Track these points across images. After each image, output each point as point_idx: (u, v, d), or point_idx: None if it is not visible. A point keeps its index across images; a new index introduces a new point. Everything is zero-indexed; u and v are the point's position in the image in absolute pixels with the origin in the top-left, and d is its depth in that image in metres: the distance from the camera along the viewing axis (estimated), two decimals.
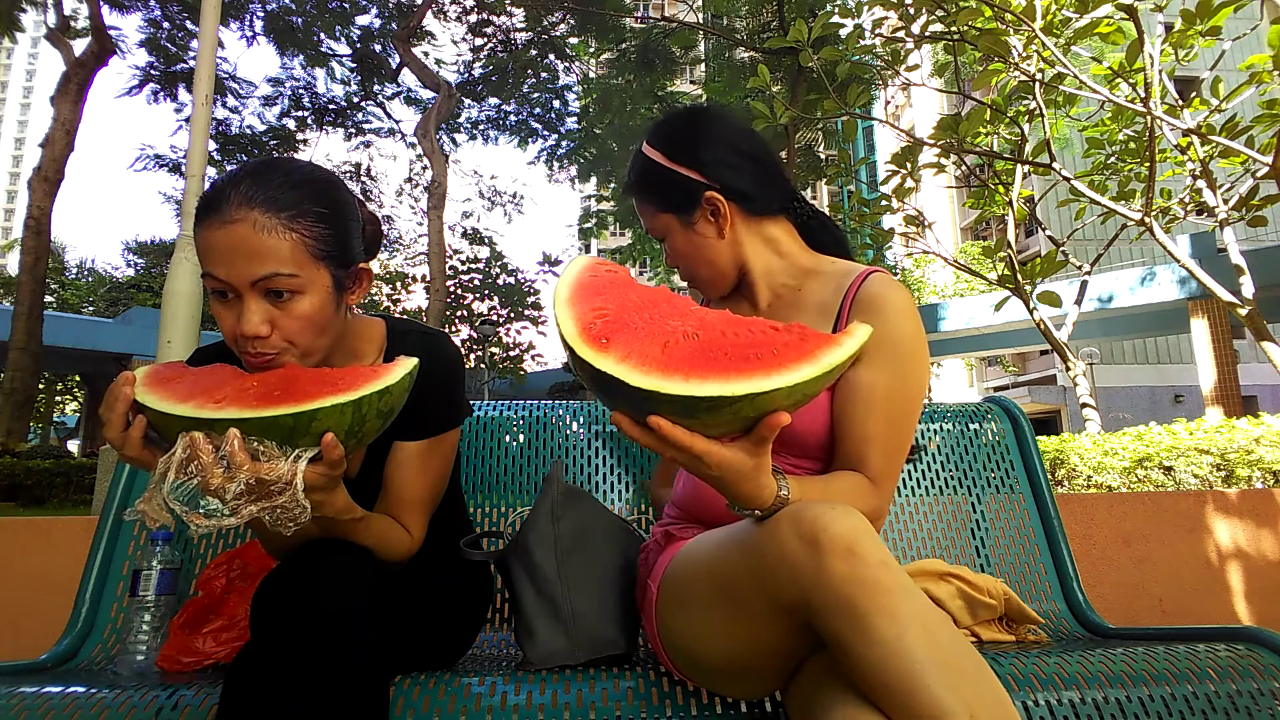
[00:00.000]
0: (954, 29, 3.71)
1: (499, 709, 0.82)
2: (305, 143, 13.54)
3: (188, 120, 8.70)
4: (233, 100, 12.45)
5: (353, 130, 14.11)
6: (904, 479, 1.46)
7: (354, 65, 13.05)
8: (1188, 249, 12.30)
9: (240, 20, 11.56)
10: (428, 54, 12.70)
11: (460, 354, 1.01)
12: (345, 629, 0.73)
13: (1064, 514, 1.65)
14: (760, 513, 0.71)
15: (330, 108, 13.52)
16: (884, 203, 4.92)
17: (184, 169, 5.62)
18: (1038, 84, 3.79)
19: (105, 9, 10.20)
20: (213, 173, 9.41)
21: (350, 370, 0.74)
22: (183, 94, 11.56)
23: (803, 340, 0.64)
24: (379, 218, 0.99)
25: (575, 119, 14.38)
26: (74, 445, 25.80)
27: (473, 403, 1.30)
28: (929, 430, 1.51)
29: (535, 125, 14.08)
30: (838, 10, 4.39)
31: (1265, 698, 0.88)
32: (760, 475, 0.68)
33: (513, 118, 14.01)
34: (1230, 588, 2.21)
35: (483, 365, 18.50)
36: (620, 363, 0.62)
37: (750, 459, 0.65)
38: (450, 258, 17.16)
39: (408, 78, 13.28)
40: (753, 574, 0.70)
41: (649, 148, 1.00)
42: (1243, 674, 0.90)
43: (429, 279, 11.50)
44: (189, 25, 11.02)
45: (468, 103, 13.66)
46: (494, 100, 13.74)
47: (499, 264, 19.08)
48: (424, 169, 15.22)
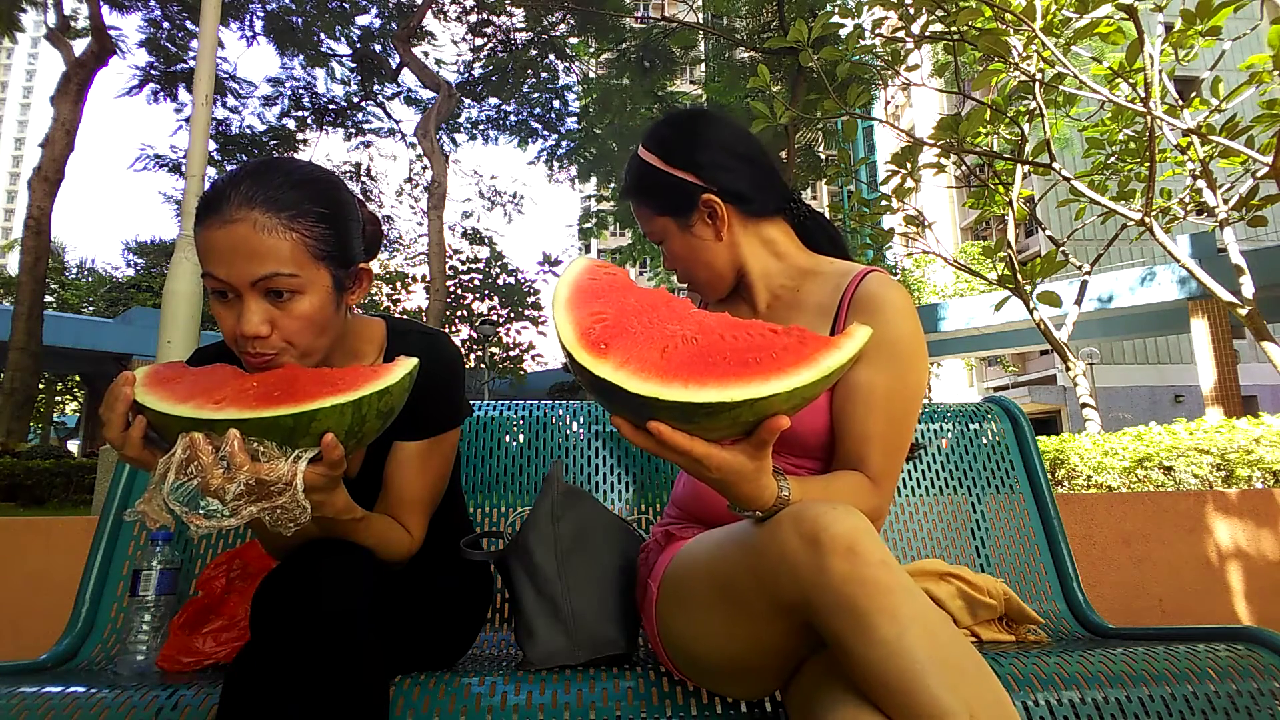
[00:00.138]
0: (954, 29, 3.71)
1: (499, 709, 0.82)
2: (305, 143, 13.55)
3: (188, 120, 8.71)
4: (233, 100, 12.48)
5: (353, 130, 14.13)
6: (904, 479, 1.46)
7: (354, 65, 13.07)
8: (1188, 249, 12.30)
9: (240, 20, 11.57)
10: (428, 54, 12.71)
11: (460, 354, 1.01)
12: (345, 629, 0.73)
13: (1064, 514, 1.65)
14: (761, 514, 0.71)
15: (330, 108, 13.53)
16: (884, 203, 4.92)
17: (184, 169, 5.62)
18: (1038, 84, 3.79)
19: (105, 9, 10.21)
20: (213, 173, 9.41)
21: (350, 370, 0.74)
22: (183, 94, 11.58)
23: (802, 343, 0.63)
24: (379, 218, 0.99)
25: (575, 119, 14.39)
26: (74, 445, 25.80)
27: (473, 403, 1.30)
28: (929, 430, 1.52)
29: (535, 125, 14.10)
30: (838, 10, 4.38)
31: (1265, 698, 0.88)
32: (761, 477, 0.68)
33: (513, 118, 14.03)
34: (1230, 588, 2.21)
35: (483, 365, 18.50)
36: (619, 369, 0.61)
37: (751, 461, 0.65)
38: (450, 258, 17.16)
39: (408, 78, 13.31)
40: (753, 573, 0.70)
41: (645, 151, 1.00)
42: (1243, 674, 0.90)
43: (429, 279, 11.50)
44: (189, 25, 11.04)
45: (468, 103, 13.67)
46: (494, 100, 13.76)
47: (499, 264, 19.09)
48: (424, 169, 15.23)
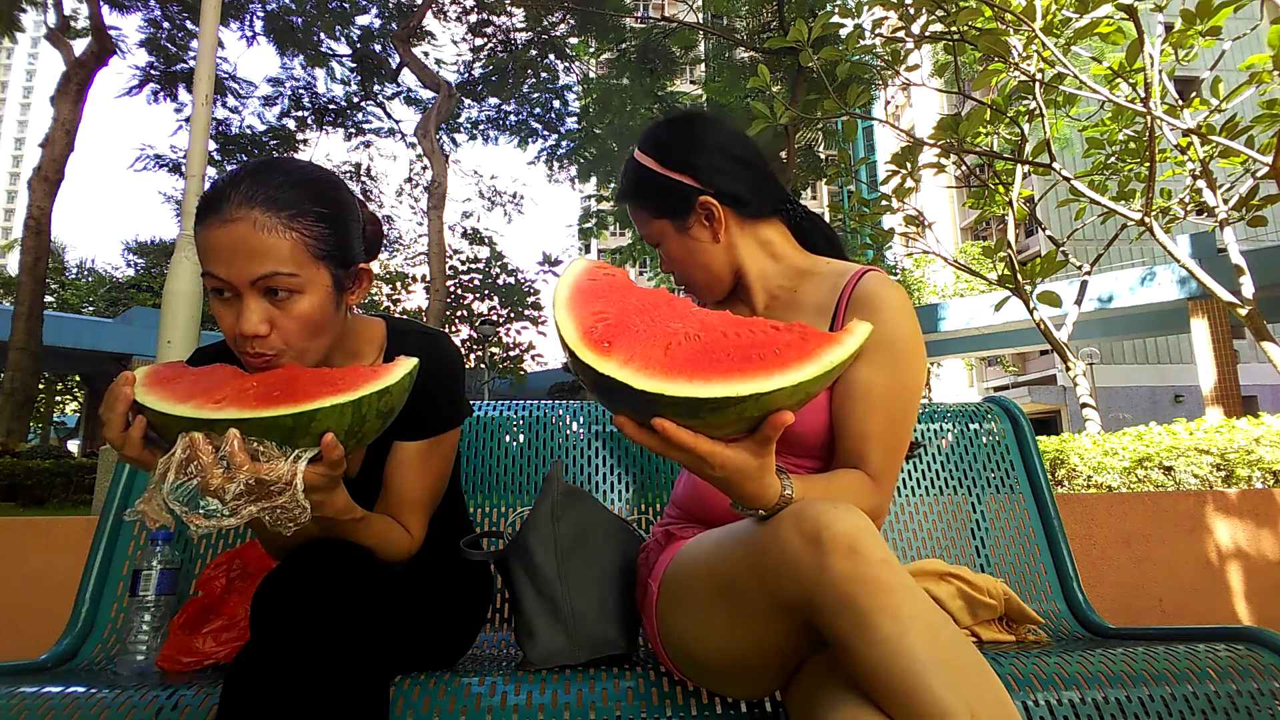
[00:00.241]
0: (954, 29, 3.71)
1: (499, 709, 0.82)
2: (305, 143, 13.55)
3: (188, 120, 8.71)
4: (233, 100, 12.47)
5: (353, 130, 14.13)
6: (904, 479, 1.46)
7: (354, 65, 13.06)
8: (1188, 249, 12.30)
9: (240, 20, 11.57)
10: (428, 54, 12.71)
11: (460, 354, 1.01)
12: (345, 629, 0.73)
13: (1064, 514, 1.65)
14: (765, 512, 0.71)
15: (330, 108, 13.53)
16: (884, 203, 4.92)
17: (184, 169, 5.62)
18: (1038, 84, 3.79)
19: (105, 9, 10.21)
20: (213, 173, 9.41)
21: (350, 370, 0.74)
22: (183, 94, 11.57)
23: (804, 339, 0.63)
24: (380, 218, 0.99)
25: (575, 119, 14.38)
26: (74, 445, 25.80)
27: (473, 403, 1.30)
28: (929, 430, 1.51)
29: (535, 125, 14.10)
30: (838, 10, 4.38)
31: (1265, 698, 0.88)
32: (765, 475, 0.68)
33: (513, 118, 14.02)
34: (1230, 588, 2.21)
35: (483, 365, 18.50)
36: (623, 366, 0.61)
37: (755, 459, 0.65)
38: (450, 258, 17.17)
39: (408, 78, 13.30)
40: (754, 572, 0.70)
41: (641, 155, 1.00)
42: (1243, 674, 0.90)
43: (429, 279, 11.50)
44: (189, 25, 11.03)
45: (468, 103, 13.66)
46: (494, 100, 13.75)
47: (499, 264, 19.09)
48: (424, 169, 15.23)
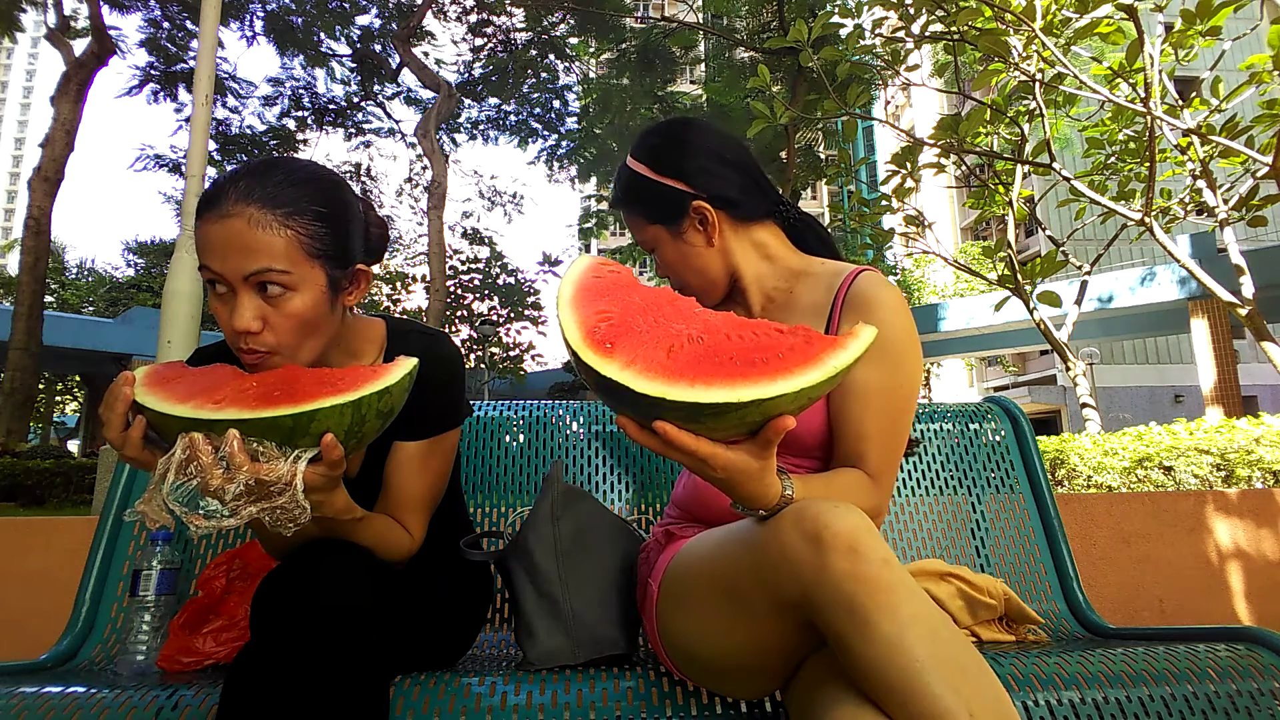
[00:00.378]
0: (954, 29, 3.71)
1: (499, 709, 0.82)
2: (305, 143, 13.53)
3: (188, 120, 8.71)
4: (233, 100, 12.46)
5: (353, 130, 14.11)
6: (904, 479, 1.46)
7: (354, 65, 13.05)
8: (1188, 249, 12.30)
9: (240, 20, 11.55)
10: (428, 54, 12.70)
11: (460, 354, 1.01)
12: (345, 629, 0.72)
13: (1064, 514, 1.65)
14: (765, 512, 0.71)
15: (330, 108, 13.51)
16: (884, 203, 4.92)
17: (184, 169, 5.62)
18: (1038, 84, 3.79)
19: (105, 9, 10.21)
20: (213, 173, 9.41)
21: (350, 370, 0.74)
22: (183, 94, 11.56)
23: (808, 343, 0.63)
24: (386, 221, 0.99)
25: (575, 119, 14.38)
26: (74, 445, 25.80)
27: (473, 403, 1.30)
28: (929, 430, 1.51)
29: (535, 125, 14.09)
30: (838, 10, 4.39)
31: (1265, 698, 0.88)
32: (766, 476, 0.68)
33: (513, 118, 14.01)
34: (1230, 588, 2.21)
35: (483, 365, 18.51)
36: (625, 368, 0.61)
37: (756, 461, 0.65)
38: (450, 258, 17.17)
39: (408, 78, 13.29)
40: (754, 572, 0.71)
41: (634, 161, 1.00)
42: (1243, 674, 0.90)
43: (429, 279, 11.49)
44: (189, 25, 11.02)
45: (468, 103, 13.65)
46: (494, 100, 13.74)
47: (499, 264, 19.10)
48: (424, 169, 15.22)
